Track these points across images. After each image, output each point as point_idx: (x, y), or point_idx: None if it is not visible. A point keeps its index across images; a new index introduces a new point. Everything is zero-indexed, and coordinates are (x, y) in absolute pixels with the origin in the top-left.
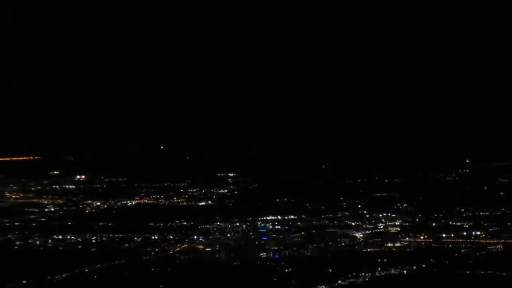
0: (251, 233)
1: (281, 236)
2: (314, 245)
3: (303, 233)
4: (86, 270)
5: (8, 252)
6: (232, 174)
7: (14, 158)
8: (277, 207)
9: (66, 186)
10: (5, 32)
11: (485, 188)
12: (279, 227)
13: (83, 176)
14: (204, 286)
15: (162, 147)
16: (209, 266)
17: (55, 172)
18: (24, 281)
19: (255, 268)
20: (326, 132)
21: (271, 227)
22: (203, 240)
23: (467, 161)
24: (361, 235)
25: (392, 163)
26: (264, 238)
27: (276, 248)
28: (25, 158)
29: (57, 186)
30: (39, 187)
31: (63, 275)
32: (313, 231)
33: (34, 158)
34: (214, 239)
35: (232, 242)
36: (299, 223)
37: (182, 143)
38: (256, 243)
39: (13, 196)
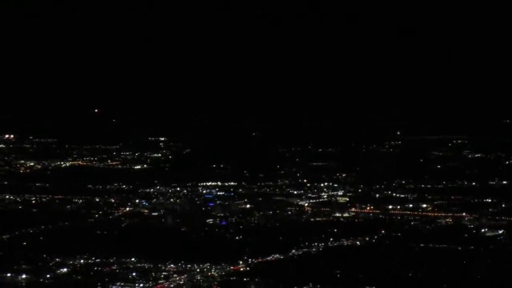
0: (196, 199)
1: (226, 203)
2: (261, 213)
3: (246, 200)
4: (31, 231)
5: None
6: (163, 138)
7: None
8: (214, 173)
9: None
10: None
11: (421, 160)
12: (222, 193)
13: (11, 136)
14: (154, 251)
15: (96, 110)
16: (156, 231)
17: None
18: None
19: (204, 234)
20: (256, 102)
21: (216, 193)
22: (146, 204)
23: (398, 133)
24: (307, 204)
25: (323, 133)
26: (210, 204)
27: (222, 214)
28: None
29: None
30: None
31: (8, 236)
32: (260, 199)
33: None
34: (158, 203)
35: (178, 207)
36: (240, 190)
37: (108, 106)
38: (203, 209)
39: None
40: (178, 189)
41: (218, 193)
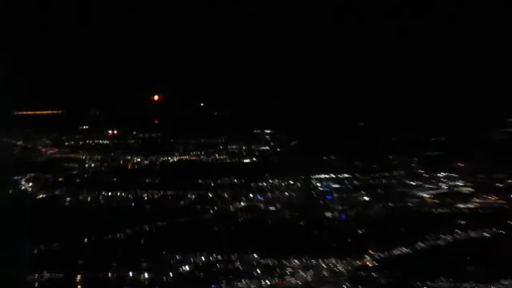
0: (312, 192)
1: (344, 195)
2: (380, 205)
3: (363, 192)
4: (147, 228)
5: (61, 208)
6: (268, 131)
7: (38, 112)
8: (325, 164)
9: (100, 141)
10: None
11: None
12: (337, 185)
13: (115, 131)
14: (275, 247)
15: (202, 104)
16: (275, 226)
17: (84, 127)
18: (86, 239)
19: (324, 228)
20: (359, 91)
21: (331, 185)
22: (261, 198)
23: (510, 120)
24: (427, 195)
25: (431, 121)
26: (328, 197)
27: (340, 207)
28: (49, 112)
29: (90, 141)
30: (72, 142)
31: (124, 233)
32: (377, 191)
33: (57, 112)
34: (273, 197)
35: (294, 201)
36: (355, 181)
37: (205, 98)
38: (320, 202)
39: (49, 151)
40: (291, 182)
41: (333, 185)
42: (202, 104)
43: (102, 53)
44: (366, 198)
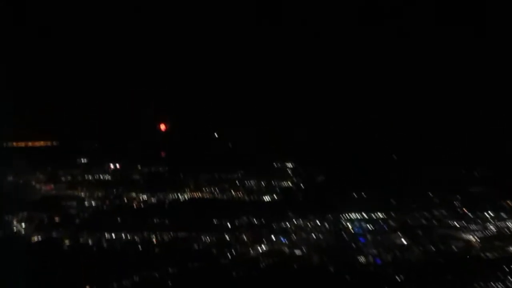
0: (342, 233)
1: (379, 237)
2: (420, 248)
3: (400, 233)
4: (156, 275)
5: (59, 253)
6: (290, 164)
7: (30, 144)
8: (357, 202)
9: (101, 176)
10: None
11: None
12: (370, 226)
13: (117, 165)
14: None
15: (216, 135)
16: (302, 272)
17: (83, 160)
18: None
19: (356, 274)
20: (390, 121)
21: (363, 226)
22: (285, 241)
23: None
24: (473, 238)
25: (472, 155)
26: (362, 240)
27: (375, 251)
28: (42, 143)
29: (90, 176)
30: (69, 177)
31: (130, 281)
32: (417, 232)
33: (52, 143)
34: (299, 239)
35: (323, 244)
36: (390, 221)
37: (219, 128)
38: (352, 245)
39: (44, 187)
40: (318, 222)
41: (365, 225)
42: (216, 135)
43: (102, 77)
44: (404, 241)
